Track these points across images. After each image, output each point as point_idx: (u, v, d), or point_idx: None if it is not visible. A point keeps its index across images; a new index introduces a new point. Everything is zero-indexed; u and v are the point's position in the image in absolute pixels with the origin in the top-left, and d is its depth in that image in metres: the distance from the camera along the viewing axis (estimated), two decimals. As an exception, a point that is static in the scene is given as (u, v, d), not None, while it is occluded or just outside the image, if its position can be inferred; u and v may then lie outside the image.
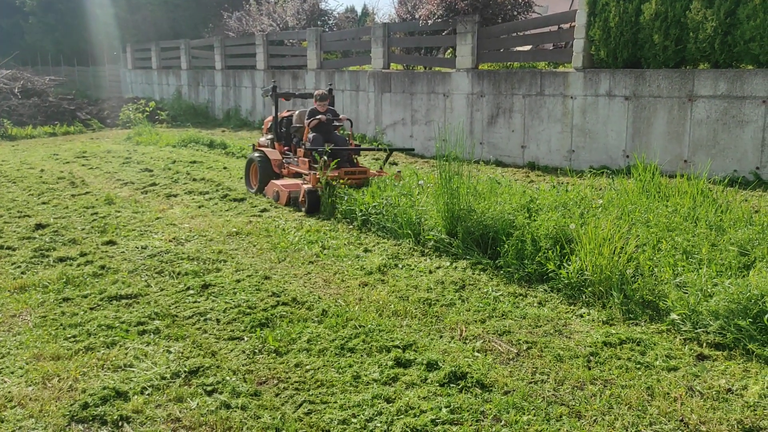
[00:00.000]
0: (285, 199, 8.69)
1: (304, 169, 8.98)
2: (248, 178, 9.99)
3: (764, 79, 8.59)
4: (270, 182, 9.20)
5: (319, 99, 9.32)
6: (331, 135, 9.30)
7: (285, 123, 9.88)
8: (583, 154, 10.78)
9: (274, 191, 9.03)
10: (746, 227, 5.87)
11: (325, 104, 9.32)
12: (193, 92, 23.39)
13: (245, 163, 10.12)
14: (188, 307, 5.14)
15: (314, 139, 9.01)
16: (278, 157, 9.56)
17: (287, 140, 9.84)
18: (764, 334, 4.22)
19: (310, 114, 9.32)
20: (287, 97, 10.10)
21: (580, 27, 10.56)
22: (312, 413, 3.58)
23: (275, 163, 9.51)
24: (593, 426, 3.42)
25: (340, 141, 9.28)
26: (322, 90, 9.53)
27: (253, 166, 9.81)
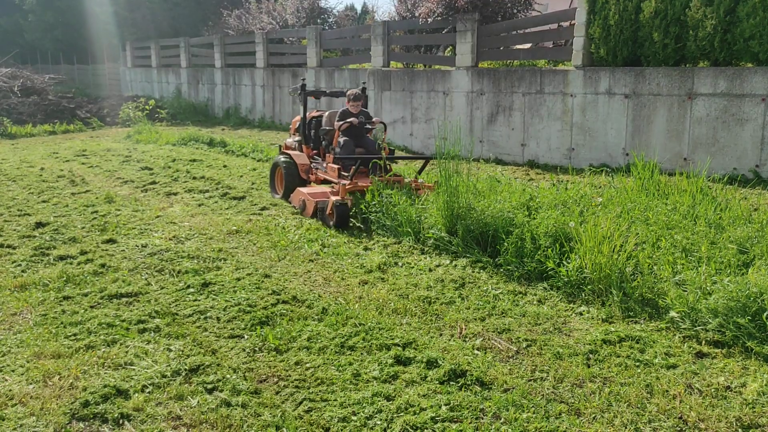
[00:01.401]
0: (311, 209, 7.86)
1: (333, 176, 8.22)
2: (273, 182, 9.27)
3: (764, 77, 8.59)
4: (296, 190, 8.32)
5: (353, 99, 8.55)
6: (362, 139, 8.60)
7: (314, 124, 9.10)
8: (582, 152, 10.79)
9: (299, 200, 8.17)
10: (745, 225, 5.89)
11: (359, 105, 8.59)
12: (192, 90, 23.39)
13: (270, 166, 9.40)
14: (188, 305, 5.14)
15: (344, 143, 8.30)
16: (306, 162, 8.78)
17: (316, 143, 9.10)
18: (763, 331, 4.23)
19: (342, 115, 8.56)
20: (317, 95, 9.37)
21: (579, 25, 10.57)
22: (312, 411, 3.59)
23: (302, 168, 8.72)
24: (592, 423, 3.43)
25: (373, 146, 8.54)
26: (356, 89, 8.78)
27: (279, 171, 9.12)
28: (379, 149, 8.43)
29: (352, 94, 8.56)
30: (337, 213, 7.36)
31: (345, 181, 7.79)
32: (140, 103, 22.32)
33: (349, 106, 8.53)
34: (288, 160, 8.88)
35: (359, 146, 8.40)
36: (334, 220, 7.39)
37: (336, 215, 7.35)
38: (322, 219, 7.65)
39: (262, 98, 19.61)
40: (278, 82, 18.79)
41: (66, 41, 33.84)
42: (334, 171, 8.23)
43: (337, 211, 7.35)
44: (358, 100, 8.57)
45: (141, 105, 22.08)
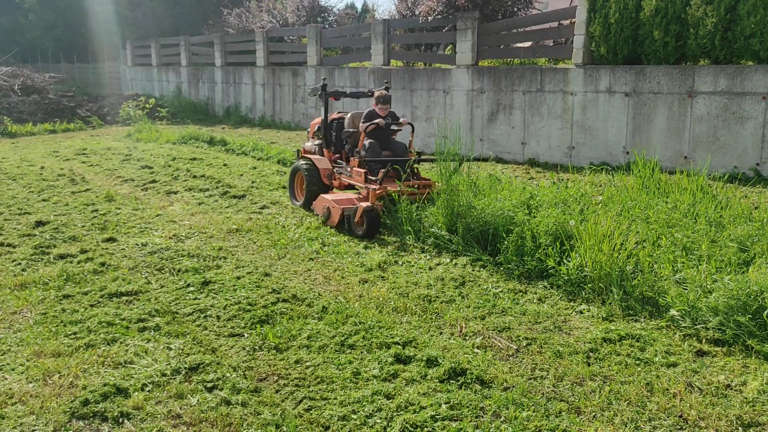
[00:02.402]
0: (338, 217, 7.26)
1: (359, 181, 7.68)
2: (293, 189, 8.70)
3: (764, 75, 8.58)
4: (319, 197, 7.77)
5: (382, 101, 8.01)
6: (389, 142, 8.16)
7: (335, 127, 8.58)
8: (583, 150, 10.78)
9: (323, 207, 7.55)
10: (746, 223, 5.88)
11: (387, 108, 8.09)
12: (193, 89, 23.38)
13: (289, 172, 8.79)
14: (188, 303, 5.14)
15: (370, 146, 7.83)
16: (328, 167, 8.23)
17: (338, 147, 8.56)
18: (763, 330, 4.23)
19: (368, 117, 8.08)
20: (338, 96, 8.74)
21: (580, 23, 10.55)
22: (312, 409, 3.59)
23: (324, 173, 8.18)
24: (592, 422, 3.42)
25: (399, 148, 8.09)
26: (384, 90, 8.20)
27: (299, 176, 8.56)
28: (407, 152, 8.02)
29: (381, 96, 8.04)
30: (368, 220, 6.88)
31: (374, 185, 7.33)
32: (140, 102, 22.31)
33: (377, 109, 8.05)
34: (309, 165, 8.32)
35: (385, 149, 7.98)
36: (363, 229, 6.91)
37: (366, 222, 6.88)
38: (349, 228, 7.14)
39: (263, 97, 19.60)
40: (278, 80, 18.78)
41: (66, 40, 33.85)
42: (360, 175, 7.66)
43: (367, 218, 6.88)
44: (387, 102, 8.09)
45: (141, 104, 22.07)
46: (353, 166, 7.90)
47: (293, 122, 18.27)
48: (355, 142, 8.19)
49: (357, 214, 6.99)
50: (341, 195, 7.73)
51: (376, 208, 7.02)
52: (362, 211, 6.91)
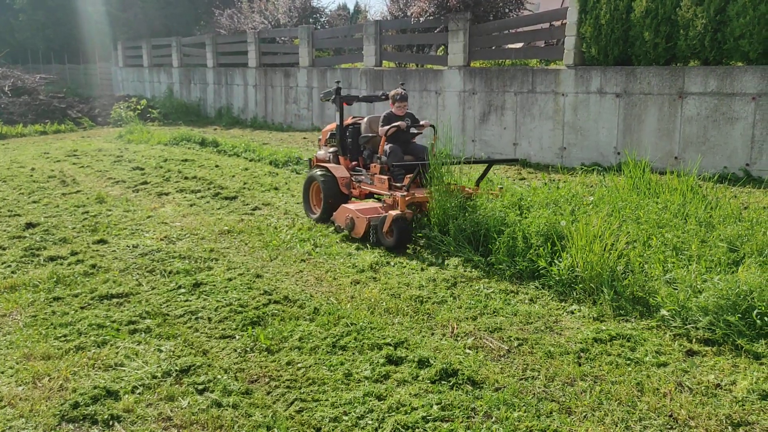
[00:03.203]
0: (363, 228, 6.74)
1: (383, 189, 7.21)
2: (308, 201, 8.07)
3: (754, 76, 8.63)
4: (340, 207, 7.24)
5: (399, 100, 7.56)
6: (409, 145, 7.69)
7: (351, 132, 8.07)
8: (574, 151, 10.81)
9: (346, 218, 7.02)
10: (735, 224, 5.92)
11: (405, 106, 7.66)
12: (184, 90, 23.32)
13: (303, 183, 8.16)
14: (179, 305, 5.13)
15: (392, 151, 7.34)
16: (346, 175, 7.71)
17: (354, 153, 8.05)
18: (753, 329, 4.25)
19: (386, 119, 7.59)
20: (350, 101, 8.26)
21: (571, 24, 10.59)
22: (303, 411, 3.58)
23: (343, 181, 7.64)
24: (583, 422, 3.43)
25: (422, 152, 7.61)
26: (401, 89, 7.74)
27: (315, 187, 7.98)
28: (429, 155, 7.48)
29: (397, 94, 7.60)
30: (398, 230, 6.41)
31: (400, 192, 6.83)
32: (132, 103, 22.24)
33: (394, 109, 7.61)
34: (325, 174, 7.76)
35: (407, 153, 7.49)
36: (393, 239, 6.45)
37: (396, 232, 6.42)
38: (377, 239, 6.66)
39: (255, 98, 19.57)
40: (270, 81, 18.75)
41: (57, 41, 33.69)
42: (383, 183, 7.20)
43: (397, 228, 6.41)
44: (404, 101, 7.62)
45: (132, 105, 22.00)
46: (374, 172, 7.44)
47: (285, 123, 18.25)
48: (374, 147, 7.77)
49: (385, 223, 6.50)
50: (364, 204, 7.27)
51: (407, 216, 6.54)
52: (392, 220, 6.41)
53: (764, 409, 3.51)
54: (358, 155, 8.02)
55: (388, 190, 7.11)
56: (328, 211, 7.52)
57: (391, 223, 6.44)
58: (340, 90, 8.09)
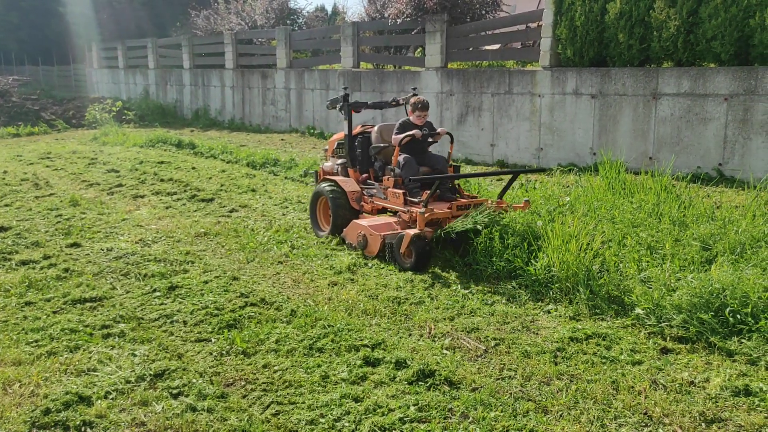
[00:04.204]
0: (377, 246, 6.27)
1: (397, 204, 6.67)
2: (315, 216, 7.49)
3: (726, 77, 8.77)
4: (351, 223, 6.75)
5: (420, 108, 6.96)
6: (425, 155, 7.11)
7: (361, 143, 7.48)
8: (551, 151, 10.89)
9: (358, 235, 6.53)
10: (708, 222, 6.00)
11: (425, 116, 7.04)
12: (161, 91, 23.09)
13: (310, 198, 7.58)
14: (154, 309, 5.06)
15: (406, 162, 6.75)
16: (356, 188, 7.16)
17: (364, 165, 7.47)
18: (726, 327, 4.31)
19: (402, 128, 7.01)
20: (357, 108, 7.56)
21: (546, 26, 10.66)
22: (280, 414, 3.55)
23: (353, 195, 7.08)
24: (559, 421, 3.45)
25: (439, 163, 7.02)
26: (421, 97, 7.14)
27: (322, 202, 7.41)
28: (446, 166, 7.02)
29: (418, 102, 7.00)
30: (417, 250, 5.87)
31: (418, 208, 6.22)
32: (107, 105, 21.97)
33: (413, 117, 7.01)
34: (334, 188, 7.19)
35: (422, 164, 6.94)
36: (412, 260, 5.93)
37: (415, 254, 5.88)
38: (393, 258, 6.14)
39: (232, 99, 19.45)
40: (248, 83, 18.64)
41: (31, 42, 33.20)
42: (397, 197, 6.65)
43: (416, 248, 5.87)
44: (425, 110, 7.01)
45: (108, 106, 21.74)
46: (387, 186, 6.87)
47: (263, 125, 18.16)
48: (386, 158, 7.23)
49: (403, 243, 5.95)
50: (377, 219, 6.73)
51: (426, 235, 5.98)
52: (410, 239, 5.89)
53: (737, 406, 3.56)
54: (368, 167, 7.46)
55: (404, 206, 6.56)
56: (338, 227, 6.98)
57: (410, 243, 5.90)
58: (348, 97, 7.48)
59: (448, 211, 6.27)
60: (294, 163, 11.52)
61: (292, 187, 10.02)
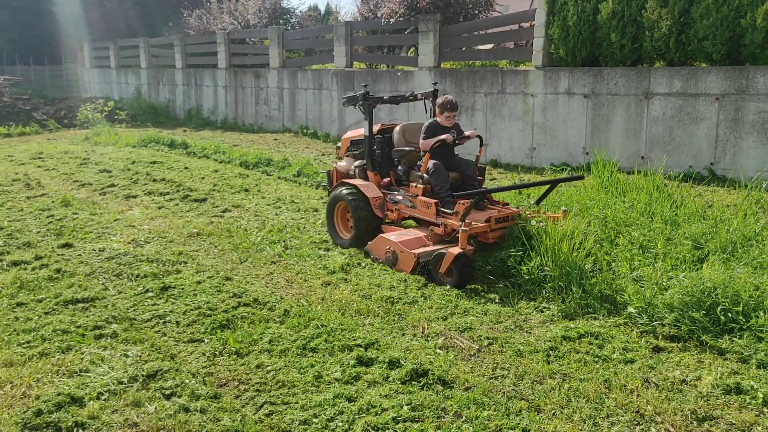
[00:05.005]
0: (411, 265, 5.76)
1: (428, 214, 6.19)
2: (334, 224, 7.01)
3: (717, 77, 8.81)
4: (378, 237, 6.22)
5: (449, 109, 6.45)
6: (453, 159, 6.60)
7: (380, 144, 6.96)
8: (544, 151, 10.91)
9: (386, 251, 6.02)
10: (700, 222, 6.03)
11: (454, 117, 6.55)
12: (153, 91, 23.01)
13: (327, 204, 7.09)
14: (147, 309, 5.05)
15: (436, 169, 6.28)
16: (379, 194, 6.65)
17: (384, 168, 6.97)
18: (717, 325, 4.33)
19: (430, 130, 6.49)
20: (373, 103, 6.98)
21: (539, 26, 10.69)
22: (273, 414, 3.55)
23: (376, 202, 6.59)
24: (552, 419, 3.46)
25: (468, 168, 6.56)
26: (450, 96, 6.58)
27: (341, 208, 6.91)
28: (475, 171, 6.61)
29: (447, 102, 6.45)
30: (460, 271, 5.44)
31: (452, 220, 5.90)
32: (99, 105, 21.88)
33: (442, 119, 6.52)
34: (354, 193, 6.69)
35: (450, 169, 6.45)
36: (453, 280, 5.49)
37: (459, 274, 5.44)
38: (428, 275, 5.71)
39: (225, 99, 19.40)
40: (241, 82, 18.60)
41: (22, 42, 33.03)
42: (428, 207, 6.17)
43: (458, 269, 5.43)
44: (455, 110, 6.50)
45: (100, 106, 21.65)
46: (416, 194, 6.37)
47: (256, 124, 18.12)
48: (411, 162, 6.76)
49: (444, 263, 5.48)
50: (405, 233, 6.23)
51: (468, 253, 5.54)
52: (452, 259, 5.42)
53: (728, 404, 3.58)
54: (389, 170, 6.98)
55: (436, 217, 6.12)
56: (360, 237, 6.54)
57: (451, 262, 5.43)
58: (368, 94, 6.87)
59: (486, 225, 5.82)
60: (287, 163, 11.50)
61: (285, 187, 10.01)
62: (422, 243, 6.01)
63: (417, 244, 5.97)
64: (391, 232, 6.34)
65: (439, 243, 6.00)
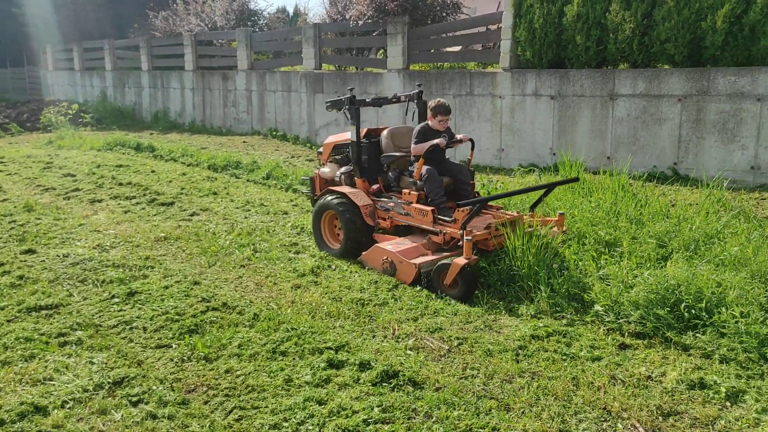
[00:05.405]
0: (412, 276, 5.55)
1: (424, 222, 5.99)
2: (321, 232, 6.76)
3: (679, 78, 8.99)
4: (374, 247, 6.01)
5: (442, 113, 6.27)
6: (445, 164, 6.46)
7: (367, 149, 6.75)
8: (512, 152, 11.02)
9: (383, 262, 5.82)
10: (664, 220, 6.15)
11: (447, 120, 6.38)
12: (119, 94, 22.65)
13: (313, 212, 6.84)
14: (113, 315, 4.97)
15: (430, 175, 6.12)
16: (369, 202, 6.44)
17: (372, 174, 6.74)
18: (681, 322, 4.42)
19: (422, 135, 6.31)
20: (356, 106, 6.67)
21: (506, 28, 10.79)
22: (242, 419, 3.52)
23: (366, 210, 6.38)
24: (521, 418, 3.49)
25: (462, 172, 6.45)
26: (442, 100, 6.38)
27: (328, 216, 6.71)
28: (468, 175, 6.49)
29: (440, 105, 6.28)
30: (466, 281, 5.26)
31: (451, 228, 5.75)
32: (63, 108, 21.46)
33: (434, 122, 6.31)
34: (343, 201, 6.47)
35: (442, 174, 6.29)
36: (460, 291, 5.29)
37: (466, 285, 5.26)
38: (429, 286, 5.49)
39: (192, 101, 19.19)
40: (208, 84, 18.42)
41: (-19, 44, 32.23)
42: (425, 215, 5.97)
43: (465, 279, 5.25)
44: (447, 114, 6.32)
45: (64, 109, 21.23)
46: (410, 201, 6.17)
47: (224, 127, 17.96)
48: (401, 168, 6.57)
49: (449, 274, 5.28)
50: (402, 242, 6.01)
51: (473, 263, 5.32)
52: (458, 270, 5.22)
53: (693, 399, 3.65)
54: (376, 176, 6.76)
55: (433, 225, 5.94)
56: (352, 248, 6.34)
57: (457, 274, 5.24)
58: (355, 98, 6.60)
59: (486, 232, 5.68)
60: (256, 166, 11.42)
61: (254, 190, 9.94)
62: (420, 252, 5.81)
63: (415, 254, 5.76)
64: (386, 241, 6.12)
65: (438, 251, 5.83)
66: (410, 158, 6.49)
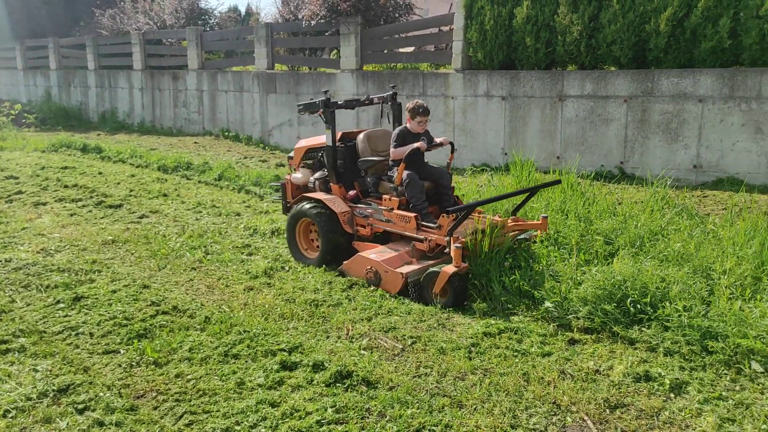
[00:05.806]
0: (399, 286, 5.38)
1: (407, 228, 5.80)
2: (296, 243, 6.48)
3: (625, 80, 9.23)
4: (356, 256, 5.79)
5: (421, 113, 6.08)
6: (425, 168, 6.24)
7: (344, 153, 6.52)
8: (465, 152, 11.13)
9: (368, 272, 5.61)
10: (611, 218, 6.30)
11: (426, 122, 6.19)
12: (64, 93, 22.01)
13: (287, 221, 6.55)
14: (58, 321, 4.82)
15: (411, 180, 5.90)
16: (346, 209, 6.21)
17: (348, 180, 6.49)
18: (627, 317, 4.54)
19: (401, 138, 6.13)
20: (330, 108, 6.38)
21: (458, 30, 10.90)
22: (193, 424, 3.46)
23: (344, 217, 6.15)
24: (473, 414, 3.53)
25: (442, 176, 6.25)
26: (420, 100, 6.21)
27: (303, 224, 6.44)
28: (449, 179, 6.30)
29: (419, 106, 6.08)
30: (456, 291, 5.15)
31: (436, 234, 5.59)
32: (4, 108, 20.74)
33: (413, 124, 6.12)
34: (319, 208, 6.23)
35: (423, 177, 6.08)
36: (448, 299, 5.18)
37: (455, 293, 5.15)
38: (417, 295, 5.32)
39: (141, 101, 18.78)
40: (158, 84, 18.06)
41: None
42: (407, 221, 5.78)
43: (455, 287, 5.14)
44: (426, 115, 6.14)
45: (5, 109, 20.52)
46: (391, 207, 5.96)
47: (175, 128, 17.64)
48: (379, 173, 6.34)
49: (438, 282, 5.14)
50: (385, 251, 5.77)
51: (462, 270, 5.18)
52: (446, 278, 5.09)
53: (638, 391, 3.75)
54: (352, 181, 6.51)
55: (417, 232, 5.75)
56: (330, 253, 6.13)
57: (446, 282, 5.12)
58: (329, 101, 6.30)
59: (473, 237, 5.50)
60: (208, 167, 11.25)
61: (206, 191, 9.79)
62: (404, 260, 5.62)
63: (399, 262, 5.57)
64: (367, 249, 5.89)
65: (423, 259, 5.68)
66: (388, 162, 6.31)
